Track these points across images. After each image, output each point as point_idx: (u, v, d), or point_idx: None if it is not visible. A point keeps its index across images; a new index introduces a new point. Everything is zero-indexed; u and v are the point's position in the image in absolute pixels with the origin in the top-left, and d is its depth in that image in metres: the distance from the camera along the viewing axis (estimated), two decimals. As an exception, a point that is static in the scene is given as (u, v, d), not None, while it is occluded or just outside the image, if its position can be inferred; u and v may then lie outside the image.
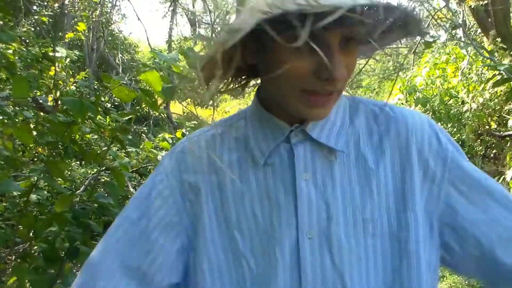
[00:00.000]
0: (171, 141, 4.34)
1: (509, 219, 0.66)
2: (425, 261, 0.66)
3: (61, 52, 2.22)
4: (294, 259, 0.65)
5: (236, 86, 0.74)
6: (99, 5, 5.80)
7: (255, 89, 0.75)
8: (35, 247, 1.67)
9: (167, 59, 1.43)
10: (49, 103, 1.61)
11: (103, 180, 2.75)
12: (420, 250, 0.65)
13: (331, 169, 0.67)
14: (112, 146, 1.78)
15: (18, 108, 1.88)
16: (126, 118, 1.64)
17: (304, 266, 0.64)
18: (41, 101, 1.61)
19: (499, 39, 5.59)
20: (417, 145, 0.68)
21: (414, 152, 0.68)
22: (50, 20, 6.54)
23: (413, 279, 0.65)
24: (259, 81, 0.74)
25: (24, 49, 2.52)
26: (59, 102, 1.58)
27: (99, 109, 1.52)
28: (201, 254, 0.69)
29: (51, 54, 2.26)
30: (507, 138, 5.66)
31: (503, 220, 0.65)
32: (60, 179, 1.58)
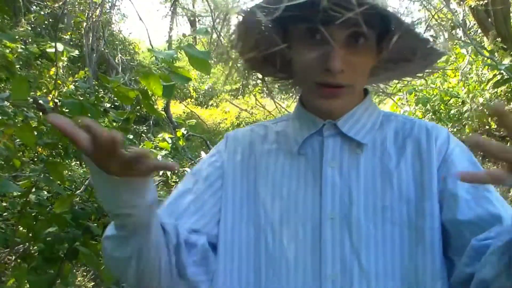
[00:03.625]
0: (170, 141, 4.32)
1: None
2: (439, 247, 0.70)
3: (59, 47, 2.19)
4: (316, 236, 0.71)
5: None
6: (98, 6, 5.80)
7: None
8: (35, 248, 1.67)
9: (164, 56, 1.41)
10: (49, 104, 1.60)
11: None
12: (435, 236, 0.69)
13: (357, 161, 0.74)
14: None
15: (18, 109, 1.87)
16: (125, 117, 1.63)
17: (325, 243, 0.70)
18: (41, 102, 1.61)
19: (499, 39, 5.59)
20: (436, 141, 0.74)
21: (433, 147, 0.73)
22: (50, 19, 6.53)
23: (427, 264, 0.69)
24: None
25: (23, 48, 2.50)
26: (59, 103, 1.57)
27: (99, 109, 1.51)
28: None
29: (49, 50, 2.25)
30: (507, 138, 5.65)
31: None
32: (59, 180, 1.57)
